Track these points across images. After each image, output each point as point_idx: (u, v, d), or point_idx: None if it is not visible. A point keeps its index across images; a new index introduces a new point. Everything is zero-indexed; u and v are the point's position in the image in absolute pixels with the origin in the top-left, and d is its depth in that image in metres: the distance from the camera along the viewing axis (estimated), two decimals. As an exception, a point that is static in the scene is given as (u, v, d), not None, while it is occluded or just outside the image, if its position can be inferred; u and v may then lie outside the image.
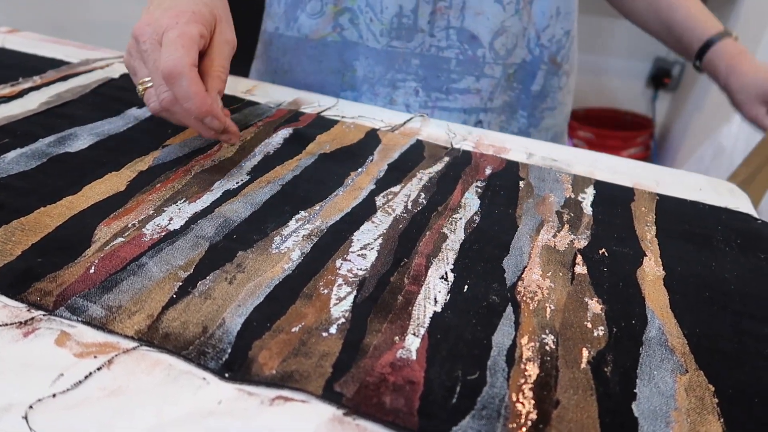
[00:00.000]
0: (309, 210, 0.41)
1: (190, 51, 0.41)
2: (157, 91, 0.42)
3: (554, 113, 0.72)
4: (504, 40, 0.64)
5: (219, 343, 0.29)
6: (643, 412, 0.28)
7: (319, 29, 0.65)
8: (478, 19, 0.62)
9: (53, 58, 0.63)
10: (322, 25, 0.64)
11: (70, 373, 0.27)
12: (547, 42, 0.67)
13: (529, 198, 0.46)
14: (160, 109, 0.43)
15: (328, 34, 0.65)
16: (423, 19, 0.62)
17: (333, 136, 0.52)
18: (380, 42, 0.63)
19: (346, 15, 0.63)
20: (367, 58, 0.64)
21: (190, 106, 0.41)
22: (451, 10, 0.62)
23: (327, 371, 0.28)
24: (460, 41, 0.63)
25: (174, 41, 0.41)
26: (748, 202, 0.50)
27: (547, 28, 0.66)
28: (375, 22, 0.63)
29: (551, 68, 0.68)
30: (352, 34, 0.64)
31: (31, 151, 0.44)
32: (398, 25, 0.62)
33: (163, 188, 0.42)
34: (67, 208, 0.38)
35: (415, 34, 0.63)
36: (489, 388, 0.28)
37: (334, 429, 0.26)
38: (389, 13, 0.62)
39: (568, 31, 0.68)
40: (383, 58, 0.64)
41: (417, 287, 0.34)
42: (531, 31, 0.65)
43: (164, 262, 0.34)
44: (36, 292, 0.31)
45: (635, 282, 0.37)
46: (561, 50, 0.68)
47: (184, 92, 0.40)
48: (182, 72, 0.40)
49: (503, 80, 0.66)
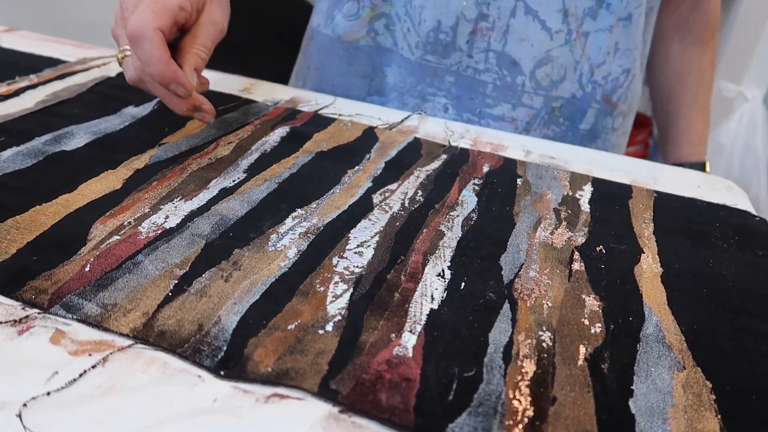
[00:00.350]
0: (306, 208, 0.41)
1: (160, 16, 0.40)
2: (133, 59, 0.41)
3: None
4: (548, 70, 0.60)
5: (214, 340, 0.29)
6: (640, 409, 0.28)
7: (353, 32, 0.63)
8: (521, 45, 0.59)
9: (50, 56, 0.63)
10: (356, 28, 0.63)
11: (64, 371, 0.26)
12: (602, 79, 0.62)
13: (527, 195, 0.46)
14: (136, 79, 0.42)
15: (361, 38, 0.63)
16: (462, 37, 0.60)
17: (330, 134, 0.52)
18: (415, 54, 0.61)
19: (382, 20, 0.62)
20: (399, 66, 0.62)
21: (152, 70, 0.39)
22: (492, 32, 0.59)
23: (323, 369, 0.28)
24: (499, 66, 0.60)
25: (147, 5, 0.40)
26: (746, 199, 0.50)
27: (602, 65, 0.61)
28: (412, 32, 0.60)
29: (605, 107, 0.64)
30: (386, 40, 0.62)
31: (27, 150, 0.44)
32: (435, 40, 0.60)
33: (159, 186, 0.42)
34: (63, 207, 0.38)
35: (452, 52, 0.60)
36: (485, 385, 0.28)
37: (330, 426, 0.25)
38: (427, 26, 0.60)
39: (628, 70, 0.63)
40: (416, 69, 0.62)
41: (414, 284, 0.34)
42: (584, 65, 0.61)
43: (160, 260, 0.34)
44: (31, 290, 0.31)
45: (633, 279, 0.37)
46: (618, 89, 0.64)
47: (146, 56, 0.39)
48: (145, 34, 0.39)
49: (545, 113, 0.62)
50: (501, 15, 0.58)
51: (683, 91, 0.72)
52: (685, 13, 0.71)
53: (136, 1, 0.42)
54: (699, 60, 0.72)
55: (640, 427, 0.27)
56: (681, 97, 0.73)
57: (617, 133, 0.67)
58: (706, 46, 0.72)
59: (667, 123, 0.74)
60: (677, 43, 0.72)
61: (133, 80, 0.43)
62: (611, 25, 0.59)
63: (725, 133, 1.51)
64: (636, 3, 0.60)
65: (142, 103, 0.53)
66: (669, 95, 0.74)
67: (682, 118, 0.72)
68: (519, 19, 0.58)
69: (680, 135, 0.73)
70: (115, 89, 0.56)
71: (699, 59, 0.72)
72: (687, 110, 0.72)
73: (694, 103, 0.72)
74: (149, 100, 0.54)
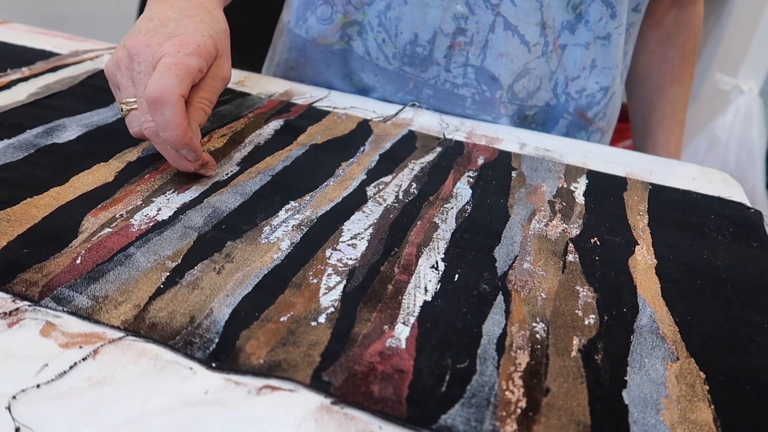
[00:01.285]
0: (299, 200, 0.41)
1: (182, 82, 0.38)
2: (142, 117, 0.40)
3: None
4: (526, 83, 0.60)
5: (206, 332, 0.29)
6: (634, 400, 0.28)
7: (327, 36, 0.63)
8: (500, 60, 0.58)
9: (42, 49, 0.63)
10: (330, 32, 0.62)
11: (54, 364, 0.26)
12: (576, 93, 0.61)
13: (522, 188, 0.46)
14: (140, 135, 0.41)
15: (335, 43, 0.62)
16: (439, 51, 0.59)
17: (324, 126, 0.52)
18: (392, 64, 0.61)
19: (355, 27, 0.61)
20: (376, 75, 0.62)
21: (168, 136, 0.38)
22: (471, 47, 0.58)
23: (315, 360, 0.28)
24: (478, 81, 0.59)
25: (169, 67, 0.38)
26: (741, 191, 0.50)
27: (577, 79, 0.61)
28: (388, 43, 0.60)
29: (577, 121, 0.63)
30: (359, 47, 0.61)
31: (19, 142, 0.44)
32: (412, 53, 0.59)
33: (151, 179, 0.41)
34: (54, 199, 0.38)
35: (430, 66, 0.60)
36: (479, 376, 0.28)
37: (322, 418, 0.25)
38: (403, 38, 0.59)
39: (606, 88, 0.62)
40: (394, 78, 0.61)
41: (407, 276, 0.34)
42: (560, 76, 0.60)
43: (152, 252, 0.34)
44: (21, 283, 0.30)
45: (627, 270, 0.37)
46: (594, 106, 0.63)
47: (166, 122, 0.38)
48: (169, 100, 0.37)
49: (517, 119, 0.62)
50: (480, 30, 0.57)
51: (664, 105, 0.73)
52: (669, 26, 0.71)
53: (152, 57, 0.40)
54: (679, 74, 0.72)
55: (633, 417, 0.27)
56: (661, 110, 0.73)
57: None
58: (687, 60, 0.72)
59: (646, 134, 0.75)
60: (659, 57, 0.72)
61: (138, 135, 0.42)
62: (588, 42, 0.59)
63: (721, 125, 1.51)
64: (615, 23, 0.59)
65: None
66: (649, 108, 0.74)
67: (662, 130, 0.73)
68: (498, 34, 0.57)
69: (659, 147, 0.73)
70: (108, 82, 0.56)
71: (679, 73, 0.72)
72: (667, 122, 0.73)
73: (673, 115, 0.73)
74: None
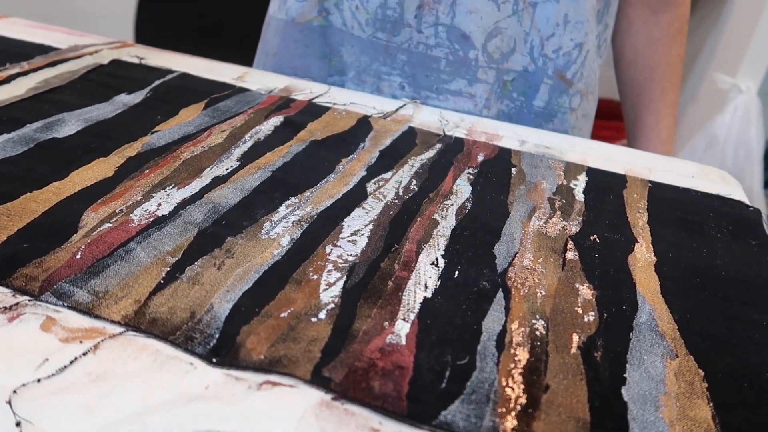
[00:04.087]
0: (299, 196, 0.41)
1: None
2: None
3: None
4: (498, 43, 0.59)
5: (207, 328, 0.29)
6: (633, 397, 0.28)
7: (305, 12, 0.63)
8: (470, 18, 0.58)
9: (41, 44, 0.62)
10: (308, 8, 0.63)
11: (55, 358, 0.26)
12: (552, 53, 0.61)
13: (521, 185, 0.46)
14: None
15: (314, 19, 0.63)
16: (409, 13, 0.59)
17: (324, 123, 0.52)
18: (365, 31, 0.61)
19: (331, 0, 0.62)
20: (352, 46, 0.62)
21: None
22: (440, 6, 0.59)
23: (315, 356, 0.28)
24: (450, 40, 0.59)
25: None
26: (740, 189, 0.50)
27: (552, 37, 0.60)
28: (361, 10, 0.61)
29: (558, 84, 0.62)
30: (337, 20, 0.62)
31: (18, 137, 0.44)
32: (383, 17, 0.60)
33: (151, 174, 0.41)
34: (54, 194, 0.38)
35: (402, 29, 0.60)
36: (478, 372, 0.28)
37: (323, 413, 0.25)
38: (374, 2, 0.60)
39: (580, 44, 0.62)
40: (368, 47, 0.62)
41: (407, 273, 0.34)
42: (534, 37, 0.60)
43: (152, 247, 0.34)
44: (21, 278, 0.30)
45: (626, 268, 0.37)
46: (571, 65, 0.62)
47: None
48: None
49: (497, 86, 0.62)
50: None
51: (652, 86, 0.72)
52: (652, 4, 0.70)
53: None
54: (667, 54, 0.71)
55: (632, 414, 0.27)
56: (649, 92, 0.72)
57: (576, 113, 0.66)
58: (674, 40, 0.71)
59: (636, 118, 0.74)
60: (645, 37, 0.71)
61: None
62: None
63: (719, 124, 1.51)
64: None
65: (134, 91, 0.53)
66: (638, 90, 0.73)
67: (651, 113, 0.72)
68: None
69: (649, 130, 0.72)
70: (108, 77, 0.56)
71: (667, 53, 0.71)
72: (655, 105, 0.72)
73: (662, 98, 0.72)
74: (142, 88, 0.54)
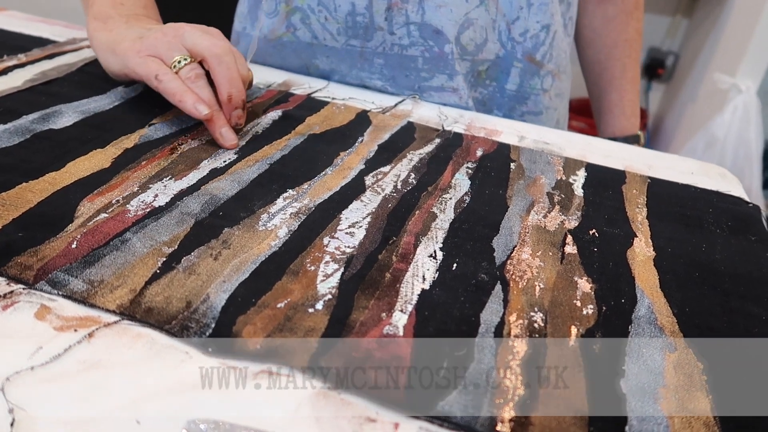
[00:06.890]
0: (297, 189, 0.40)
1: None
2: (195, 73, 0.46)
3: (540, 118, 0.66)
4: (471, 35, 0.59)
5: (203, 318, 0.28)
6: (631, 389, 0.28)
7: (275, 29, 0.63)
8: (440, 12, 0.57)
9: (39, 36, 0.62)
10: (277, 25, 0.62)
11: (49, 346, 0.26)
12: (520, 36, 0.61)
13: (520, 179, 0.45)
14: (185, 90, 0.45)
15: (283, 35, 0.62)
16: (379, 16, 0.58)
17: (323, 117, 0.52)
18: (338, 41, 0.60)
19: (297, 15, 0.61)
20: (328, 57, 0.61)
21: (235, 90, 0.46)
22: (408, 5, 0.57)
23: (312, 346, 0.27)
24: (423, 37, 0.58)
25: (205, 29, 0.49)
26: (739, 186, 0.50)
27: (517, 20, 0.60)
28: (330, 20, 0.59)
29: (528, 67, 0.63)
30: (305, 35, 0.61)
31: (15, 128, 0.43)
32: (354, 24, 0.59)
33: (148, 166, 0.41)
34: (50, 184, 0.37)
35: (374, 33, 0.59)
36: (476, 364, 0.28)
37: (319, 403, 0.25)
38: (342, 11, 0.59)
39: (547, 26, 0.62)
40: (344, 56, 0.61)
41: (405, 265, 0.34)
42: (501, 22, 0.59)
43: (148, 237, 0.34)
44: (16, 266, 0.30)
45: (625, 262, 0.37)
46: (540, 47, 0.62)
47: (231, 72, 0.46)
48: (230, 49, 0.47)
49: (471, 77, 0.61)
50: None
51: (612, 64, 0.73)
52: None
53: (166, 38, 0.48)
54: (624, 30, 0.72)
55: (630, 406, 0.27)
56: (611, 70, 0.73)
57: (549, 94, 0.66)
58: (630, 16, 0.71)
59: (600, 96, 0.75)
60: (601, 15, 0.72)
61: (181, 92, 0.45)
62: None
63: (719, 124, 1.51)
64: None
65: (132, 84, 0.53)
66: (599, 68, 0.74)
67: (614, 90, 0.73)
68: None
69: (614, 106, 0.73)
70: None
71: (624, 29, 0.72)
72: (618, 82, 0.73)
73: (623, 74, 0.73)
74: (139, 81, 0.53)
